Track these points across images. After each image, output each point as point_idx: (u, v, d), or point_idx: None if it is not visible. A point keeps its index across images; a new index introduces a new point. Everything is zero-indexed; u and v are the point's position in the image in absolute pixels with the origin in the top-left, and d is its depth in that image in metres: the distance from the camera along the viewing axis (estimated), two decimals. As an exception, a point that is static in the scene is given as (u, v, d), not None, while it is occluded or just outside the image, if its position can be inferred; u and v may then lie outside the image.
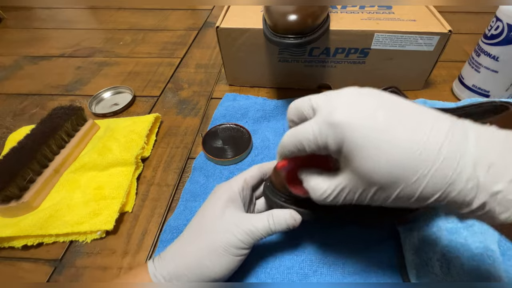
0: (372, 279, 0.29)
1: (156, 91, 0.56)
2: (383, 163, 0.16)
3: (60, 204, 0.35)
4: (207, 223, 0.26)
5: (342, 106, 0.18)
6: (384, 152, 0.16)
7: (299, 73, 0.51)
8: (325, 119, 0.18)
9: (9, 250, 0.33)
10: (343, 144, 0.17)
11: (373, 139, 0.17)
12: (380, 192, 0.18)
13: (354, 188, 0.19)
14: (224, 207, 0.27)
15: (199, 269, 0.24)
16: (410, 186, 0.16)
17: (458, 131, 0.16)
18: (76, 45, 0.72)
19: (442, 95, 0.51)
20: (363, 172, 0.17)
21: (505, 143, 0.15)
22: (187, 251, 0.25)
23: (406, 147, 0.16)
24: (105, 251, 0.33)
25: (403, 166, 0.16)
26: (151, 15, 0.85)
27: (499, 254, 0.27)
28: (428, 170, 0.16)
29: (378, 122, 0.17)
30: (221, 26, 0.46)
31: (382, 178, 0.17)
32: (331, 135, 0.18)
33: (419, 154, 0.16)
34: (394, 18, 0.46)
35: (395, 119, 0.17)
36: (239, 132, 0.44)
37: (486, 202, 0.15)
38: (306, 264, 0.30)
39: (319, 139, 0.19)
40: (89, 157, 0.40)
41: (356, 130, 0.17)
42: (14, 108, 0.53)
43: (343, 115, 0.17)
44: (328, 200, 0.20)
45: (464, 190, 0.15)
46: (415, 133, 0.16)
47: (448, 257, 0.28)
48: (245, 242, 0.25)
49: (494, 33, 0.42)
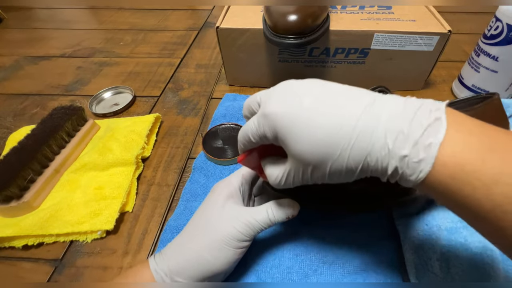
0: (372, 279, 0.29)
1: (156, 91, 0.56)
2: (310, 144, 0.18)
3: (61, 204, 0.35)
4: (207, 218, 0.27)
5: (274, 97, 0.20)
6: (309, 134, 0.18)
7: (299, 73, 0.51)
8: (261, 111, 0.21)
9: (9, 250, 0.33)
10: (277, 132, 0.19)
11: (299, 123, 0.18)
12: (316, 171, 0.19)
13: (297, 170, 0.20)
14: (224, 202, 0.27)
15: (199, 263, 0.24)
16: (336, 161, 0.18)
17: (376, 105, 0.17)
18: (77, 45, 0.72)
19: (441, 95, 0.51)
20: (296, 154, 0.19)
21: (416, 111, 0.16)
22: (187, 246, 0.25)
23: (327, 126, 0.18)
24: (106, 251, 0.33)
25: (325, 144, 0.18)
26: (152, 15, 0.85)
27: (498, 254, 0.27)
28: (348, 144, 0.17)
29: (303, 108, 0.18)
30: (221, 26, 0.46)
31: (312, 157, 0.18)
32: (266, 125, 0.20)
33: (338, 130, 0.17)
34: (394, 18, 0.46)
35: (319, 102, 0.18)
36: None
37: (397, 167, 0.16)
38: (306, 264, 0.30)
39: (258, 130, 0.21)
40: (90, 157, 0.40)
41: (284, 118, 0.19)
42: (14, 108, 0.53)
43: (273, 106, 0.20)
44: (282, 184, 0.22)
45: (380, 158, 0.17)
46: (336, 112, 0.18)
47: (447, 257, 0.28)
48: (246, 234, 0.25)
49: (493, 33, 0.42)
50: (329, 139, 0.17)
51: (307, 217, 0.33)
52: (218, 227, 0.26)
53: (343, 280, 0.29)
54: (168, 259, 0.25)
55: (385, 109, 0.17)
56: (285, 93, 0.20)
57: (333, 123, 0.17)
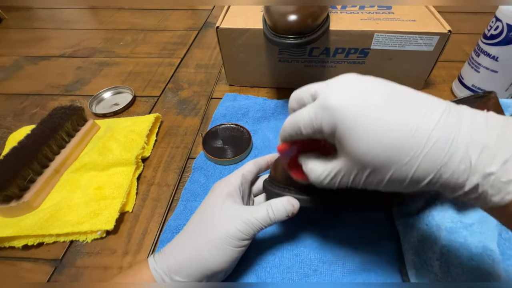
0: (371, 279, 0.29)
1: (156, 91, 0.56)
2: (375, 145, 0.17)
3: (61, 204, 0.35)
4: (206, 217, 0.27)
5: (337, 90, 0.18)
6: (375, 134, 0.17)
7: (299, 73, 0.51)
8: (320, 103, 0.19)
9: (9, 250, 0.33)
10: (336, 127, 0.18)
11: (365, 121, 0.17)
12: (374, 175, 0.18)
13: (348, 171, 0.19)
14: (223, 201, 0.27)
15: (198, 261, 0.24)
16: (402, 168, 0.16)
17: (452, 114, 0.16)
18: (77, 45, 0.72)
19: (441, 95, 0.51)
20: (355, 154, 0.17)
21: (501, 127, 0.15)
22: (186, 245, 0.25)
23: (398, 129, 0.16)
24: (106, 251, 0.33)
25: (394, 147, 0.16)
26: (151, 15, 0.85)
27: (498, 254, 0.27)
28: (420, 152, 0.16)
29: (370, 105, 0.17)
30: (221, 26, 0.46)
31: (373, 160, 0.17)
32: (325, 118, 0.18)
33: (411, 136, 0.16)
34: (393, 18, 0.46)
35: (388, 102, 0.17)
36: (239, 132, 0.44)
37: (478, 184, 0.15)
38: (305, 264, 0.30)
39: (314, 122, 0.19)
40: (90, 157, 0.40)
41: (348, 113, 0.17)
42: (14, 108, 0.53)
43: (336, 99, 0.18)
44: (325, 182, 0.21)
45: (456, 172, 0.15)
46: (408, 115, 0.16)
47: (447, 257, 0.28)
48: (245, 232, 0.25)
49: (493, 33, 0.42)
50: (399, 142, 0.16)
51: (307, 217, 0.33)
52: (217, 226, 0.25)
53: (343, 279, 0.29)
54: (167, 258, 0.25)
55: (465, 119, 0.16)
56: (349, 86, 0.18)
57: (405, 125, 0.16)
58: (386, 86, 0.18)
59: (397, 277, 0.29)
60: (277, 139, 0.43)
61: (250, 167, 0.32)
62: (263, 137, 0.44)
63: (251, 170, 0.31)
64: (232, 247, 0.25)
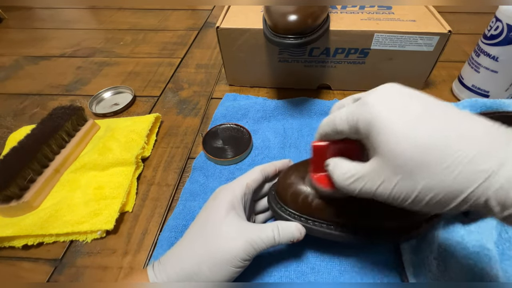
0: (369, 278, 0.29)
1: (156, 91, 0.56)
2: (411, 145, 0.16)
3: (61, 204, 0.35)
4: (211, 231, 0.25)
5: (378, 90, 0.19)
6: (412, 134, 0.16)
7: (299, 73, 0.51)
8: (359, 101, 0.19)
9: (9, 249, 0.33)
10: (371, 124, 0.17)
11: (403, 119, 0.16)
12: (404, 182, 0.16)
13: (378, 175, 0.18)
14: (226, 214, 0.26)
15: (198, 277, 0.24)
16: (438, 174, 0.15)
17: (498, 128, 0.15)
18: (77, 45, 0.72)
19: (441, 96, 0.51)
20: (389, 154, 0.16)
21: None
22: (187, 259, 0.25)
23: (436, 131, 0.15)
24: (106, 250, 0.33)
25: (430, 147, 0.15)
26: (152, 15, 0.85)
27: (496, 253, 0.28)
28: (460, 160, 0.14)
29: (409, 103, 0.17)
30: (221, 26, 0.46)
31: (407, 162, 0.16)
32: (362, 113, 0.18)
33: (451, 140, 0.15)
34: (394, 19, 0.46)
35: (425, 107, 0.17)
36: (239, 132, 0.44)
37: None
38: (303, 262, 0.30)
39: (349, 118, 0.19)
40: (90, 157, 0.40)
41: (386, 110, 0.17)
42: (14, 108, 0.53)
43: (376, 97, 0.18)
44: (348, 183, 0.20)
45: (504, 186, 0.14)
46: (446, 122, 0.16)
47: (445, 256, 0.28)
48: (249, 253, 0.24)
49: (493, 33, 0.42)
50: (437, 145, 0.15)
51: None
52: (221, 244, 0.24)
53: (340, 278, 0.29)
54: (168, 272, 0.24)
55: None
56: (391, 90, 0.19)
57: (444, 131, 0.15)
58: (422, 96, 0.18)
59: (395, 275, 0.29)
60: (277, 139, 0.43)
61: (256, 176, 0.30)
62: (263, 137, 0.44)
63: (256, 180, 0.30)
64: (233, 267, 0.24)
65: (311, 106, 0.48)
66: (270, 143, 0.43)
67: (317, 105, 0.48)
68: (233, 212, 0.26)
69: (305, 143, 0.43)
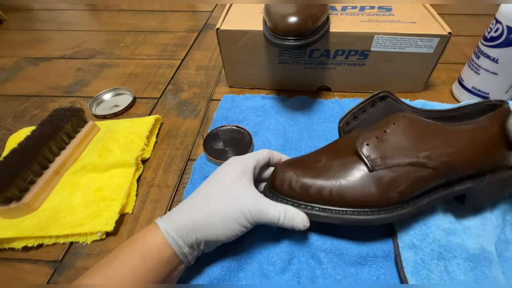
0: (370, 271, 0.29)
1: (156, 93, 0.56)
2: None
3: (61, 206, 0.35)
4: (222, 186, 0.27)
5: None
6: None
7: (299, 75, 0.51)
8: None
9: (9, 251, 0.33)
10: None
11: None
12: None
13: None
14: (239, 177, 0.28)
15: (208, 226, 0.25)
16: None
17: None
18: (77, 46, 0.72)
19: (441, 97, 0.51)
20: None
21: None
22: (201, 208, 0.26)
23: None
24: (105, 252, 0.33)
25: None
26: (152, 17, 0.85)
27: (496, 256, 0.28)
28: None
29: None
30: (221, 28, 0.46)
31: None
32: None
33: None
34: (394, 20, 0.46)
35: None
36: (240, 134, 0.44)
37: None
38: (306, 251, 0.31)
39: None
40: (89, 158, 0.40)
41: None
42: (14, 110, 0.53)
43: None
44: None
45: None
46: None
47: (444, 257, 0.28)
48: (255, 218, 0.26)
49: (493, 35, 0.42)
50: None
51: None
52: (237, 199, 0.26)
53: (339, 269, 0.29)
54: (179, 220, 0.26)
55: None
56: None
57: None
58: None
59: (395, 275, 0.29)
60: (277, 140, 0.43)
61: (265, 155, 0.32)
62: (264, 139, 0.44)
63: (265, 158, 0.32)
64: (240, 225, 0.26)
65: (311, 107, 0.48)
66: (270, 144, 0.43)
67: (317, 105, 0.48)
68: (246, 178, 0.28)
69: (306, 144, 0.43)
